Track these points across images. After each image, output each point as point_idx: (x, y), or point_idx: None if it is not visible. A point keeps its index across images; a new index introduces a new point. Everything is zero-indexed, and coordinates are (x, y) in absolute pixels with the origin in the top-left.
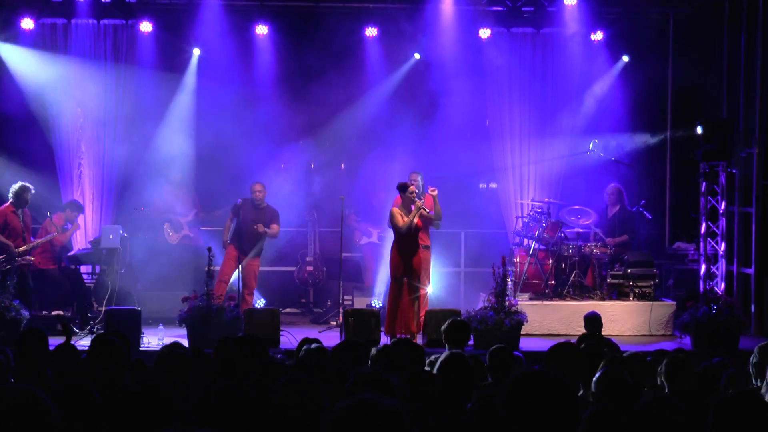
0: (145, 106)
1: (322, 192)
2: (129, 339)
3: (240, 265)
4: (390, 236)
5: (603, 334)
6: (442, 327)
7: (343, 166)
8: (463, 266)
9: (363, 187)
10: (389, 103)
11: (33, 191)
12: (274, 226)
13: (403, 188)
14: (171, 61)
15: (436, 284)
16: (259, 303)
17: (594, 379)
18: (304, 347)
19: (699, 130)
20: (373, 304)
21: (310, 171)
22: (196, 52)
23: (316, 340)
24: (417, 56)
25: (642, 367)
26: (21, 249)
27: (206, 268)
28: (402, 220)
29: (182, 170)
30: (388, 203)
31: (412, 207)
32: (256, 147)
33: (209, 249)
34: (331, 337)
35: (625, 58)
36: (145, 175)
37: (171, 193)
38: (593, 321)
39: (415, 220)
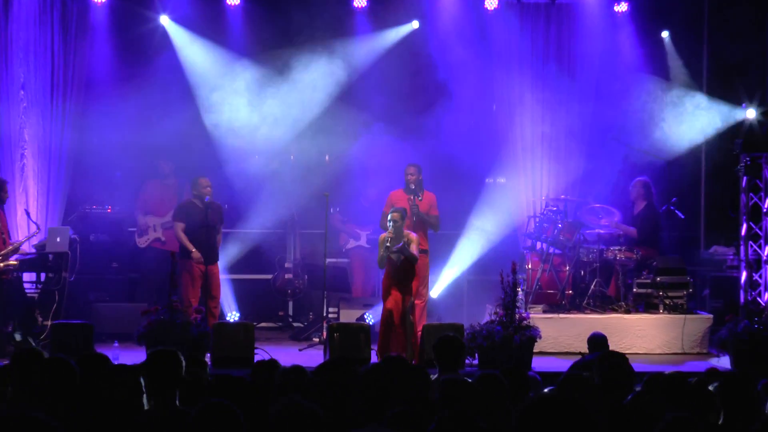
0: (100, 86)
1: (303, 188)
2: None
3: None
4: None
5: (629, 351)
6: (433, 346)
7: (327, 157)
8: (467, 273)
9: (350, 182)
10: (381, 85)
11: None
12: (220, 236)
13: (403, 217)
14: (131, 35)
15: (435, 295)
16: (232, 316)
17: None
18: (280, 371)
19: (750, 113)
20: (367, 319)
21: (289, 163)
22: (165, 20)
23: (274, 363)
24: (415, 24)
25: (687, 391)
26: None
27: (170, 276)
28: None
29: (167, 162)
30: (381, 201)
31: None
32: (226, 134)
33: (173, 254)
34: (313, 356)
35: (665, 35)
36: (96, 166)
37: (160, 189)
38: (597, 344)
39: (399, 256)
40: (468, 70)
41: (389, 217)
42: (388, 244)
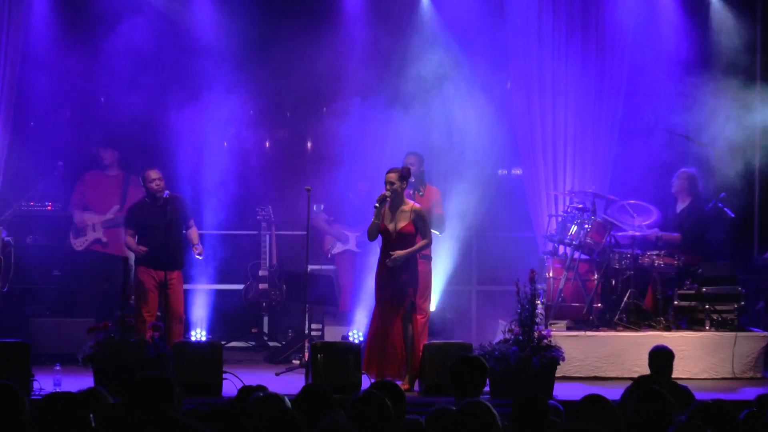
0: (40, 59)
1: (280, 180)
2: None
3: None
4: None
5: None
6: (450, 367)
7: (309, 144)
8: (476, 283)
9: (337, 174)
10: (376, 58)
11: None
12: (193, 230)
13: (403, 177)
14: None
15: (439, 308)
16: (196, 334)
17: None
18: (252, 396)
19: None
20: (351, 337)
21: (264, 152)
22: None
23: (262, 387)
24: None
25: (738, 424)
26: None
27: (122, 286)
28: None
29: (109, 150)
30: (374, 197)
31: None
32: (186, 120)
33: (124, 260)
34: (293, 382)
35: (713, 5)
36: (34, 154)
37: (101, 181)
38: (662, 357)
39: (396, 226)
40: (480, 44)
41: (385, 179)
42: (377, 204)
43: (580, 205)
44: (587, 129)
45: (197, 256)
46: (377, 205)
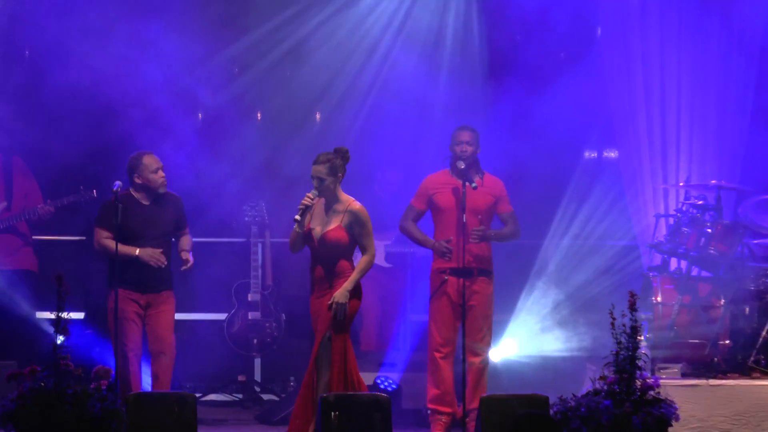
0: None
1: (277, 168)
2: None
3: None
4: (412, 251)
5: None
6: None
7: (318, 116)
8: (554, 310)
9: (358, 159)
10: None
11: None
12: (187, 237)
13: (335, 168)
14: None
15: (503, 344)
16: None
17: None
18: None
19: None
20: (382, 384)
21: (256, 128)
22: None
23: None
24: None
25: None
26: None
27: (54, 316)
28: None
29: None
30: (408, 191)
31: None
32: (145, 85)
33: (59, 278)
34: None
35: None
36: None
37: (25, 184)
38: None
39: (321, 229)
40: None
41: (311, 172)
42: (298, 217)
43: (700, 202)
44: (709, 104)
45: (182, 269)
46: (298, 218)
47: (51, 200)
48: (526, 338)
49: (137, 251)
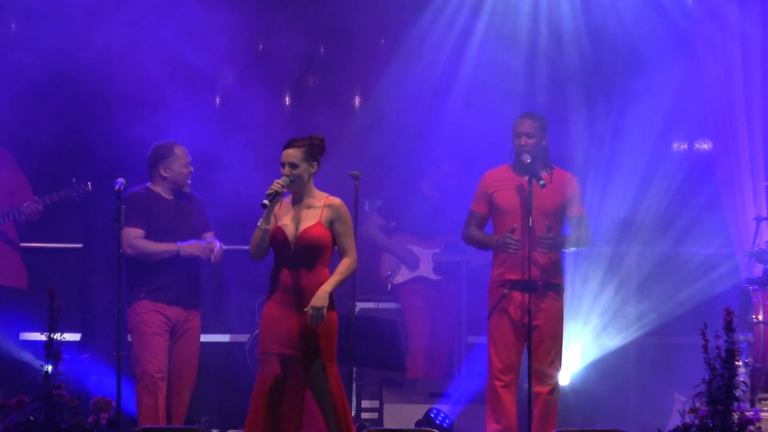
0: None
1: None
2: None
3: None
4: (466, 260)
5: None
6: None
7: (357, 100)
8: (636, 331)
9: (404, 151)
10: None
11: None
12: (210, 237)
13: (312, 154)
14: None
15: (580, 375)
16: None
17: None
18: None
19: None
20: (436, 417)
21: (282, 109)
22: None
23: None
24: None
25: None
26: None
27: (45, 338)
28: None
29: None
30: (466, 191)
31: None
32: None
33: (51, 293)
34: None
35: None
36: None
37: (12, 179)
38: None
39: (296, 229)
40: None
41: (282, 158)
42: (266, 202)
43: None
44: None
45: (212, 258)
46: (267, 203)
47: (38, 196)
48: (601, 359)
49: (178, 246)
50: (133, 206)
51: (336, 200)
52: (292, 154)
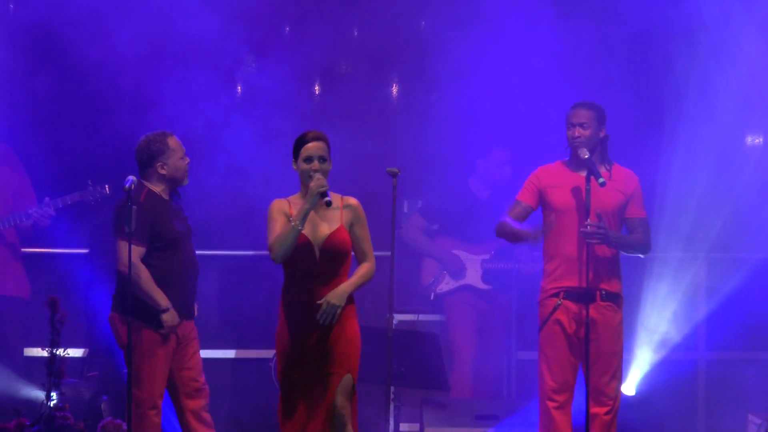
0: None
1: (338, 158)
2: None
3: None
4: (518, 267)
5: None
6: None
7: (395, 88)
8: (707, 349)
9: (447, 147)
10: None
11: None
12: None
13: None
14: None
15: (642, 391)
16: None
17: None
18: None
19: None
20: None
21: (311, 99)
22: None
23: None
24: None
25: None
26: None
27: (47, 354)
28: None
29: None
30: (514, 189)
31: None
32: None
33: (52, 301)
34: None
35: None
36: None
37: (14, 179)
38: None
39: (316, 232)
40: None
41: (308, 150)
42: (328, 199)
43: None
44: None
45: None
46: (330, 200)
47: (50, 199)
48: (667, 375)
49: (166, 309)
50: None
51: (353, 200)
52: (322, 147)
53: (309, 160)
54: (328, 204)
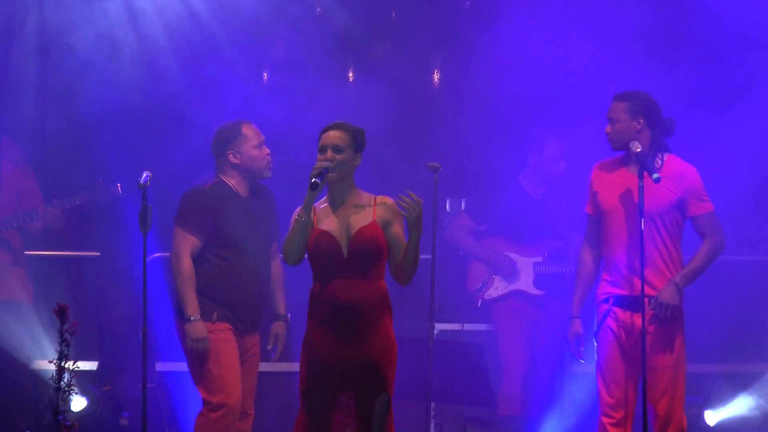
0: None
1: (375, 151)
2: None
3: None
4: (573, 270)
5: None
6: None
7: (436, 74)
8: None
9: (498, 140)
10: None
11: None
12: (279, 267)
13: (358, 142)
14: None
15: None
16: None
17: None
18: None
19: None
20: None
21: (345, 87)
22: None
23: None
24: None
25: None
26: None
27: (54, 366)
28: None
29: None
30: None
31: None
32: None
33: (61, 309)
34: None
35: None
36: None
37: (18, 176)
38: None
39: (348, 229)
40: None
41: (323, 140)
42: (317, 180)
43: None
44: None
45: (271, 355)
46: (317, 181)
47: (58, 200)
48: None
49: (195, 319)
50: (192, 205)
51: (388, 199)
52: (338, 135)
53: (323, 149)
54: (314, 187)
